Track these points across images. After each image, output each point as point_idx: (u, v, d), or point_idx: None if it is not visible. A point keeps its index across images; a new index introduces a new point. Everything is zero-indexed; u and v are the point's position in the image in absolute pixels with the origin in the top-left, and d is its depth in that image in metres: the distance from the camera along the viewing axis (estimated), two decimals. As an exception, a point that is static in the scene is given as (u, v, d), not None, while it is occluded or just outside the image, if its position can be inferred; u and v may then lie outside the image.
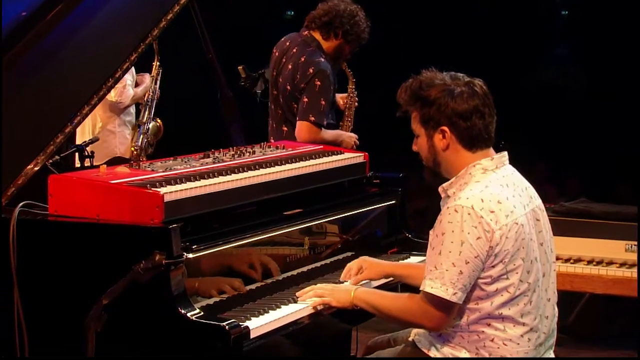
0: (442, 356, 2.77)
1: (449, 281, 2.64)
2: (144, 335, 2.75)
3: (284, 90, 4.43)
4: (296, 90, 4.35)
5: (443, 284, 2.65)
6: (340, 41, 4.42)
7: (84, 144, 3.86)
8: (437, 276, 2.66)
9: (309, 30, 4.46)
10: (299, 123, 4.31)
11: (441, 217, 2.71)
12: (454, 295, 2.65)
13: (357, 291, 2.95)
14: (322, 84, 4.29)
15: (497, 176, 2.75)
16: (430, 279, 2.68)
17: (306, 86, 4.30)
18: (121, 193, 2.81)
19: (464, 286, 2.65)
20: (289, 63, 4.41)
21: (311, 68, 4.31)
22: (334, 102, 4.50)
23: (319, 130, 4.29)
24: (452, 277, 2.64)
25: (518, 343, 2.72)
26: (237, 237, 3.02)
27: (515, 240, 2.67)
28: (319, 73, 4.31)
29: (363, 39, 4.45)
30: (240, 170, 3.16)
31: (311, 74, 4.30)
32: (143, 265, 2.66)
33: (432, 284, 2.67)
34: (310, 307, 2.95)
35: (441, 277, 2.65)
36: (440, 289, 2.65)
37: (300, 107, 4.32)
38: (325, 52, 4.42)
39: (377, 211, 3.73)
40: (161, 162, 3.23)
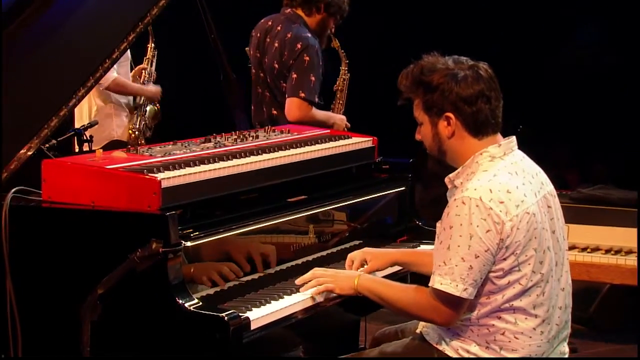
0: (451, 350, 2.78)
1: (458, 277, 2.64)
2: (141, 326, 2.76)
3: (271, 70, 4.42)
4: (284, 67, 4.34)
5: (453, 280, 2.65)
6: (324, 15, 4.45)
7: (82, 127, 3.88)
8: (446, 272, 2.66)
9: (291, 9, 4.48)
10: (289, 100, 4.30)
11: (448, 209, 2.70)
12: (464, 292, 2.65)
13: (362, 278, 2.95)
14: (311, 59, 4.29)
15: (506, 163, 2.74)
16: (439, 275, 2.67)
17: (294, 62, 4.30)
18: (117, 179, 2.82)
19: (474, 281, 2.65)
20: (275, 41, 4.41)
21: (299, 43, 4.31)
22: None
23: (310, 107, 4.28)
24: (461, 272, 2.64)
25: (530, 336, 2.72)
26: (239, 224, 3.03)
27: (526, 230, 2.66)
28: (307, 48, 4.31)
29: (344, 9, 4.49)
30: (242, 155, 3.17)
31: (299, 49, 4.30)
32: (139, 254, 2.66)
33: (442, 280, 2.66)
34: (313, 297, 2.96)
35: (450, 272, 2.65)
36: (450, 285, 2.65)
37: (289, 84, 4.31)
38: (310, 28, 4.43)
39: (386, 198, 3.73)
40: (160, 147, 3.24)
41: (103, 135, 5.19)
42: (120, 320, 2.78)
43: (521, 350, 2.72)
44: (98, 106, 5.25)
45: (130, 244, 2.70)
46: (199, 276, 2.90)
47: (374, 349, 3.00)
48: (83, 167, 2.87)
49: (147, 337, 2.76)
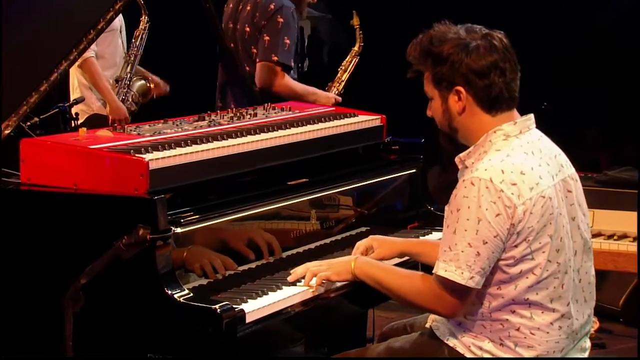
0: (463, 346, 2.74)
1: (464, 264, 2.60)
2: (127, 319, 2.73)
3: (242, 35, 4.33)
4: (256, 29, 4.26)
5: (458, 267, 2.61)
6: None
7: (66, 104, 3.85)
8: (451, 258, 2.62)
9: None
10: (259, 65, 4.19)
11: (456, 191, 2.65)
12: (470, 280, 2.61)
13: (359, 261, 2.91)
14: (286, 21, 4.21)
15: (521, 142, 2.69)
16: (444, 261, 2.63)
17: (267, 23, 4.21)
18: (101, 159, 2.79)
19: (482, 269, 2.61)
20: (247, 5, 4.34)
21: (272, 4, 4.24)
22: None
23: (284, 74, 4.19)
24: (468, 259, 2.60)
25: (548, 332, 2.67)
26: (234, 209, 3.00)
27: (541, 215, 2.61)
28: (281, 9, 4.23)
29: None
30: (238, 135, 3.13)
31: (272, 10, 4.23)
32: (125, 241, 2.64)
33: (447, 267, 2.62)
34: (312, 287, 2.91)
35: (456, 259, 2.61)
36: (455, 273, 2.61)
37: (261, 47, 4.20)
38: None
39: (396, 181, 3.70)
40: (149, 126, 3.21)
41: (84, 109, 5.19)
42: (105, 312, 2.75)
43: (538, 347, 2.67)
44: (78, 78, 5.25)
45: (115, 230, 2.67)
46: (191, 263, 2.87)
47: (381, 344, 2.96)
48: (65, 147, 2.84)
49: (133, 330, 2.73)
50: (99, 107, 5.28)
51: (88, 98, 5.18)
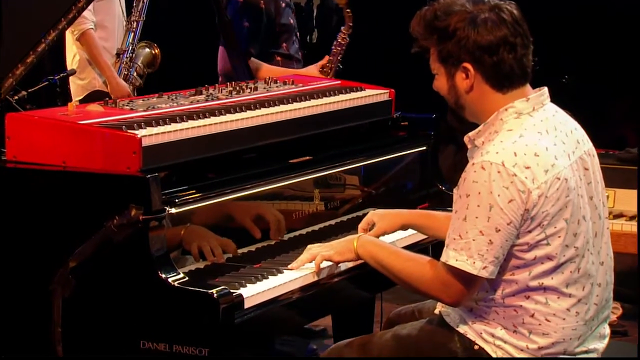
0: (474, 333, 2.74)
1: (476, 253, 2.59)
2: (118, 304, 2.74)
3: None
4: None
5: (470, 256, 2.60)
6: None
7: (56, 77, 3.85)
8: (462, 247, 2.60)
9: None
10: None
11: (465, 174, 2.63)
12: (483, 270, 2.60)
13: (362, 239, 2.90)
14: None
15: (535, 121, 2.67)
16: (454, 250, 2.62)
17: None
18: (91, 136, 2.79)
19: (495, 258, 2.60)
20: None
21: None
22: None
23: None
24: (480, 248, 2.58)
25: (564, 318, 2.67)
26: (233, 189, 3.00)
27: (556, 199, 2.60)
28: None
29: None
30: (237, 110, 3.13)
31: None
32: (117, 222, 2.65)
33: (457, 256, 2.61)
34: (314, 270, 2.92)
35: (467, 247, 2.59)
36: (467, 263, 2.60)
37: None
38: None
39: (405, 159, 3.71)
40: (142, 100, 3.21)
41: (84, 85, 5.16)
42: (96, 296, 2.76)
43: (554, 334, 2.67)
44: (78, 51, 5.21)
45: (106, 211, 2.68)
46: (188, 245, 2.88)
47: (387, 331, 2.96)
48: (53, 123, 2.84)
49: (125, 316, 2.73)
50: (101, 84, 5.24)
51: (89, 72, 5.15)
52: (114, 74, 5.15)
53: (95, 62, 5.14)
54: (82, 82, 5.14)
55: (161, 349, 2.69)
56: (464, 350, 2.76)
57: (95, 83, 5.20)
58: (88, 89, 5.17)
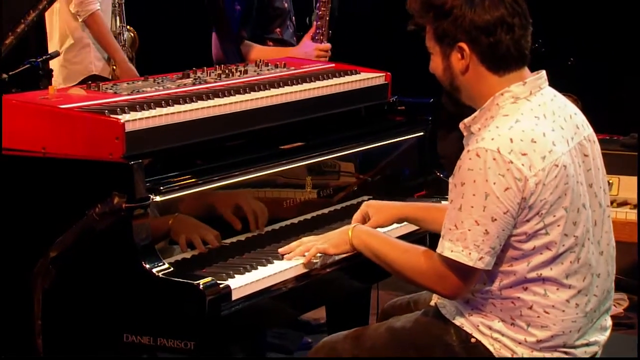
0: (471, 326, 2.73)
1: (472, 243, 2.58)
2: (101, 295, 2.73)
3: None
4: None
5: (465, 247, 2.59)
6: None
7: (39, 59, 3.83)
8: (457, 237, 2.60)
9: None
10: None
11: (461, 162, 2.63)
12: (479, 261, 2.59)
13: (357, 230, 2.90)
14: None
15: (532, 105, 2.66)
16: (449, 240, 2.61)
17: None
18: (72, 121, 2.78)
19: (491, 249, 2.59)
20: None
21: None
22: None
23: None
24: (475, 238, 2.58)
25: (563, 310, 2.66)
26: (220, 176, 2.99)
27: (555, 187, 2.59)
28: None
29: None
30: (226, 94, 3.12)
31: None
32: (99, 210, 2.65)
33: (452, 247, 2.61)
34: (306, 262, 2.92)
35: (463, 238, 2.59)
36: (462, 254, 2.59)
37: None
38: None
39: (402, 145, 3.70)
40: (127, 84, 3.20)
41: (79, 69, 5.13)
42: (77, 288, 2.75)
43: (553, 327, 2.66)
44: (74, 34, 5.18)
45: (88, 198, 2.68)
46: (175, 234, 2.87)
47: (381, 324, 2.95)
48: (32, 107, 2.83)
49: (108, 308, 2.73)
50: (101, 68, 5.21)
51: (85, 56, 5.12)
52: (124, 56, 5.14)
53: (104, 44, 5.11)
54: (78, 67, 5.11)
55: (145, 342, 2.68)
56: (461, 343, 2.75)
57: (91, 68, 5.18)
58: (84, 74, 5.14)
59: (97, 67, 5.17)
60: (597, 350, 2.77)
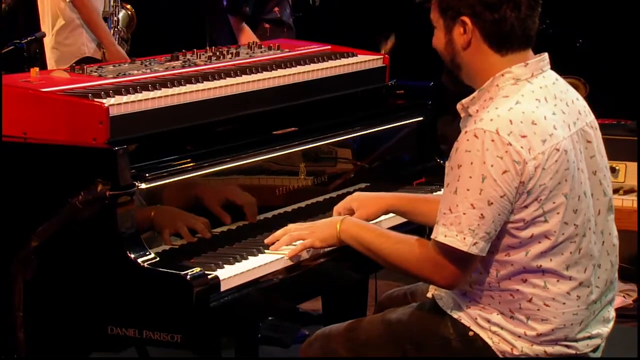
0: (469, 318, 2.73)
1: (466, 228, 2.58)
2: (84, 287, 2.73)
3: None
4: None
5: (460, 231, 2.58)
6: None
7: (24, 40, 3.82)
8: (452, 221, 2.59)
9: None
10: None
11: (457, 144, 2.62)
12: (473, 246, 2.58)
13: (345, 223, 2.88)
14: None
15: (533, 87, 2.66)
16: (444, 225, 2.61)
17: None
18: (54, 104, 2.78)
19: (486, 234, 2.58)
20: None
21: None
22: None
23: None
24: (470, 222, 2.57)
25: (564, 302, 2.66)
26: (210, 162, 2.99)
27: (555, 172, 2.58)
28: None
29: None
30: (216, 77, 3.12)
31: None
32: (82, 198, 2.65)
33: (446, 232, 2.60)
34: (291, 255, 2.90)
35: (457, 222, 2.58)
36: (456, 238, 2.59)
37: None
38: None
39: (401, 130, 3.69)
40: (113, 66, 3.20)
41: (71, 51, 5.12)
42: (59, 278, 2.75)
43: (553, 320, 2.65)
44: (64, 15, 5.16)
45: (71, 186, 2.68)
46: (159, 225, 2.86)
47: (377, 316, 2.95)
48: (12, 90, 2.82)
49: (92, 300, 2.73)
50: (94, 49, 5.20)
51: (78, 38, 5.10)
52: (113, 39, 5.12)
53: (92, 27, 5.08)
54: (69, 49, 5.10)
55: (131, 335, 2.68)
56: (458, 337, 2.75)
57: (84, 49, 5.16)
58: (77, 56, 5.12)
59: (89, 49, 5.15)
60: (599, 343, 2.77)
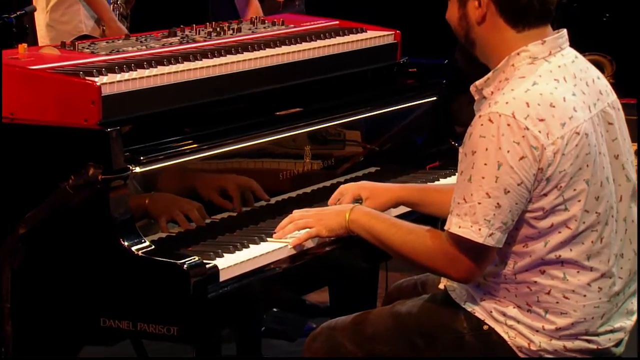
0: (483, 312, 2.72)
1: (482, 218, 2.57)
2: (75, 277, 2.74)
3: None
4: None
5: (474, 222, 2.58)
6: None
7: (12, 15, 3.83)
8: (466, 211, 2.58)
9: None
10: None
11: (471, 129, 2.61)
12: (489, 238, 2.57)
13: (355, 212, 2.88)
14: None
15: (551, 67, 2.65)
16: (457, 215, 2.60)
17: None
18: (44, 83, 2.78)
19: (503, 224, 2.58)
20: None
21: None
22: None
23: None
24: (486, 212, 2.57)
25: (584, 295, 2.65)
26: (209, 145, 2.99)
27: (575, 157, 2.58)
28: None
29: None
30: (216, 54, 3.12)
31: None
32: (73, 182, 2.66)
33: (460, 222, 2.59)
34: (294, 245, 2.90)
35: (472, 212, 2.57)
36: (471, 229, 2.58)
37: None
38: None
39: (413, 111, 3.70)
40: (106, 42, 3.21)
41: (67, 29, 5.13)
42: (49, 268, 2.76)
43: (573, 314, 2.65)
44: None
45: (61, 170, 2.68)
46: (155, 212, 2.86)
47: (385, 308, 2.95)
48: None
49: (83, 290, 2.73)
50: (92, 27, 5.20)
51: (75, 15, 5.11)
52: (113, 15, 5.13)
53: (91, 2, 5.10)
54: (66, 27, 5.11)
55: (124, 327, 2.69)
56: (472, 331, 2.74)
57: (82, 27, 5.17)
58: (73, 34, 5.13)
59: (87, 27, 5.17)
60: (622, 337, 2.76)
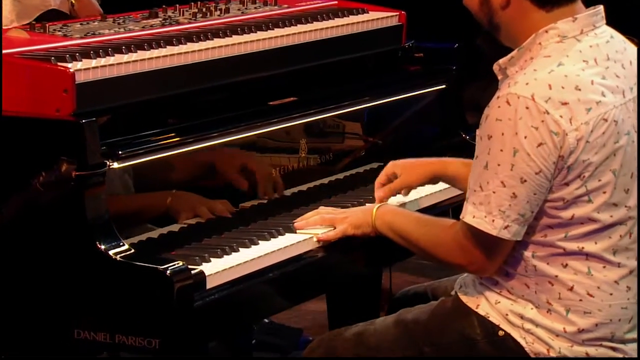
0: (497, 315, 2.74)
1: (496, 209, 2.60)
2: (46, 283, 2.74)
3: None
4: None
5: (489, 212, 2.61)
6: None
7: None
8: (481, 200, 2.62)
9: None
10: None
11: (488, 111, 2.64)
12: (504, 230, 2.60)
13: (381, 210, 2.95)
14: None
15: (582, 46, 2.66)
16: (473, 204, 2.64)
17: None
18: (11, 70, 2.77)
19: (520, 216, 2.60)
20: None
21: None
22: None
23: None
24: (500, 202, 2.59)
25: (611, 293, 2.67)
26: (194, 137, 2.99)
27: (602, 145, 2.59)
28: None
29: None
30: (201, 38, 3.13)
31: None
32: (43, 179, 2.67)
33: (475, 212, 2.63)
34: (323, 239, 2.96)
35: (487, 202, 2.61)
36: (485, 220, 2.61)
37: None
38: None
39: (420, 101, 3.72)
40: (80, 24, 3.22)
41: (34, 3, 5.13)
42: (18, 273, 2.76)
43: (598, 313, 2.67)
44: None
45: (30, 165, 2.70)
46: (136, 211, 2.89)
47: (389, 317, 2.97)
48: (-41, 53, 2.84)
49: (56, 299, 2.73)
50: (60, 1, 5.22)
51: None
52: None
53: None
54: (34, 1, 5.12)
55: (100, 340, 2.69)
56: (486, 337, 2.77)
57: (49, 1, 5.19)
58: (40, 9, 5.14)
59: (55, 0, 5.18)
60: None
